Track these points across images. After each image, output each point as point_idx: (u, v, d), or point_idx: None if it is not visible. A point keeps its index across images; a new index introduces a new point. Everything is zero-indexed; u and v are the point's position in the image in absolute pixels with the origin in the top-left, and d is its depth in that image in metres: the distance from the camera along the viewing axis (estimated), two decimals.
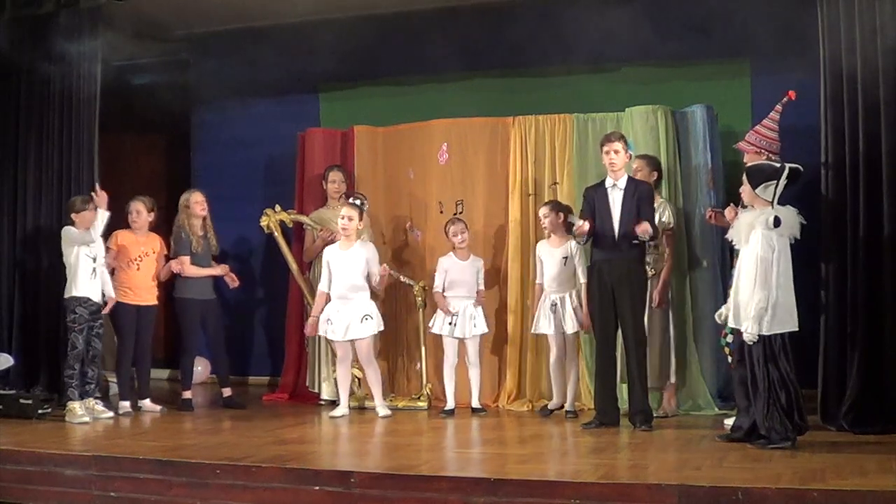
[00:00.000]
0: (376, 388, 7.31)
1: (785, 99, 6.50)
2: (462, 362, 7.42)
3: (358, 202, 7.45)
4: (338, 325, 7.19)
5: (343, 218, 7.28)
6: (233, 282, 8.00)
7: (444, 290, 7.44)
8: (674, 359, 7.08)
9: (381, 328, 7.39)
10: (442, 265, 7.48)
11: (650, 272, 6.94)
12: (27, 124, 8.13)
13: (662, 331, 7.05)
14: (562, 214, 7.14)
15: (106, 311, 7.38)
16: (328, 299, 7.32)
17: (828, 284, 6.36)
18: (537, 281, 7.30)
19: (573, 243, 7.04)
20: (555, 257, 7.12)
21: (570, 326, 7.04)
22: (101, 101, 8.04)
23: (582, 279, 7.05)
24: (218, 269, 7.90)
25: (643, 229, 6.39)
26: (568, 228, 6.94)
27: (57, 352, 7.80)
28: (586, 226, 6.54)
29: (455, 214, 7.74)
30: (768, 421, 5.56)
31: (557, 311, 7.05)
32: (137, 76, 9.91)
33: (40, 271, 7.94)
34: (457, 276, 7.43)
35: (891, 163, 6.15)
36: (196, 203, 7.81)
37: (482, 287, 7.48)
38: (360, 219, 7.35)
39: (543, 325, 7.12)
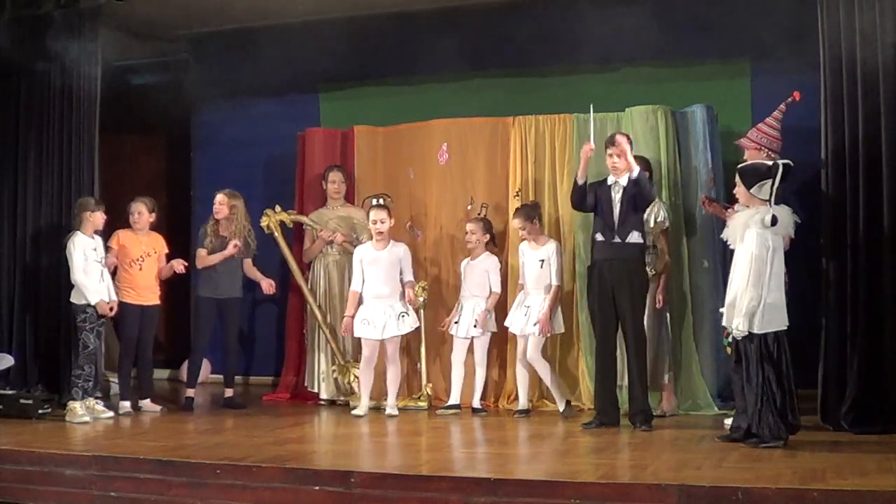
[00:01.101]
0: (393, 388, 7.34)
1: (790, 99, 6.50)
2: (471, 360, 7.41)
3: (382, 202, 7.46)
4: (375, 324, 7.21)
5: (375, 223, 7.29)
6: (269, 288, 7.92)
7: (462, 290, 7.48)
8: (668, 357, 7.08)
9: (418, 324, 7.45)
10: (461, 265, 7.53)
11: (650, 272, 6.95)
12: (27, 124, 8.13)
13: (658, 329, 7.05)
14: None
15: (112, 314, 7.38)
16: (361, 300, 7.36)
17: (828, 284, 6.36)
18: (519, 281, 7.34)
19: (552, 245, 7.12)
20: (533, 259, 7.16)
21: (535, 329, 7.07)
22: (101, 101, 8.05)
23: (555, 282, 7.10)
24: (229, 250, 7.68)
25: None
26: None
27: (57, 352, 7.81)
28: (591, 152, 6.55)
29: (479, 214, 7.70)
30: (761, 420, 5.58)
31: (528, 313, 7.10)
32: (137, 76, 9.92)
33: (40, 271, 7.94)
34: (467, 275, 7.46)
35: (891, 163, 6.15)
36: (215, 204, 7.80)
37: (494, 289, 7.41)
38: (391, 216, 7.38)
39: (512, 322, 7.19)
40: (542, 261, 7.13)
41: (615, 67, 8.26)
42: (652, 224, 6.95)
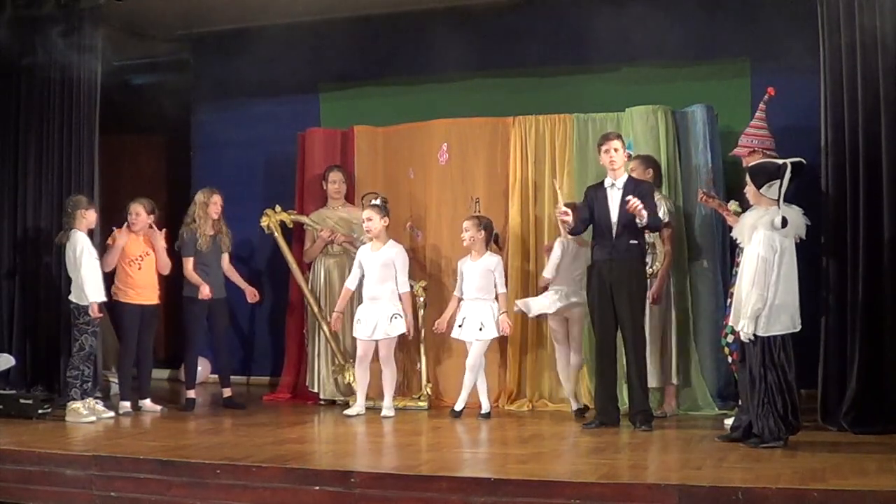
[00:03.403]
0: (389, 389, 7.30)
1: (766, 97, 6.53)
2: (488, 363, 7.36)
3: (378, 202, 7.44)
4: (366, 324, 7.21)
5: (365, 220, 7.29)
6: (252, 297, 7.98)
7: (461, 294, 7.31)
8: (675, 358, 7.08)
9: (404, 330, 7.31)
10: (459, 267, 7.39)
11: (649, 270, 6.94)
12: (27, 124, 8.13)
13: (662, 329, 7.05)
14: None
15: (97, 314, 7.32)
16: (354, 297, 7.40)
17: (828, 284, 6.36)
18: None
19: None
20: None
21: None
22: (101, 100, 8.05)
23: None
24: (205, 290, 7.65)
25: (632, 206, 6.32)
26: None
27: (57, 352, 7.80)
28: (568, 217, 6.59)
29: (474, 211, 7.69)
30: (762, 420, 5.58)
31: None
32: (137, 76, 9.93)
33: (40, 271, 7.94)
34: (465, 275, 7.31)
35: (891, 163, 6.15)
36: (213, 204, 7.79)
37: (501, 290, 7.25)
38: (382, 218, 7.32)
39: None
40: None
41: (615, 67, 8.26)
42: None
